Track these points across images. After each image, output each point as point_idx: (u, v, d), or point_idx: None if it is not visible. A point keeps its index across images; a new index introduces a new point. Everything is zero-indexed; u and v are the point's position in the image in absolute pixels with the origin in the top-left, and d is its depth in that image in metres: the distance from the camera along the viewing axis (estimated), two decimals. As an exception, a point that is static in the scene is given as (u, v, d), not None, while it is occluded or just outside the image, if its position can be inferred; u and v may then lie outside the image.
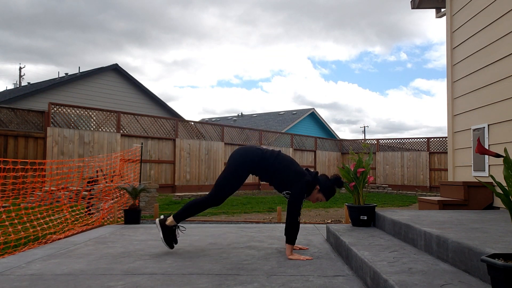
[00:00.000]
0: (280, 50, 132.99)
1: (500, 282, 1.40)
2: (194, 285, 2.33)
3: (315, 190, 3.25)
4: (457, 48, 5.93)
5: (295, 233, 3.08)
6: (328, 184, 3.28)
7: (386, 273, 2.00)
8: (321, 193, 3.26)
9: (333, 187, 3.29)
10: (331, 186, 3.28)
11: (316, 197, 3.29)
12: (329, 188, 3.28)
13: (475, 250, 1.96)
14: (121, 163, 6.95)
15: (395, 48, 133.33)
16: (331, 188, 3.28)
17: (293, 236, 3.07)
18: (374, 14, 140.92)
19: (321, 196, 3.28)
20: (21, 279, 2.49)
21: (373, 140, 19.66)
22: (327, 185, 3.27)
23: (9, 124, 9.80)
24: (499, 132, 4.79)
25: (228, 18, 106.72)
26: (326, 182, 3.28)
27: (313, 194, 3.26)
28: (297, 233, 3.09)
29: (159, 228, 3.24)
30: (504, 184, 1.58)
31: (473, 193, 4.88)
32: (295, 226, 3.07)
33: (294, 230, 3.07)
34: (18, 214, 4.35)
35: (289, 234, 3.07)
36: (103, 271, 2.66)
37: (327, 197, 3.30)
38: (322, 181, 3.27)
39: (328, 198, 3.31)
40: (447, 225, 2.87)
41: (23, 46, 72.51)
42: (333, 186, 3.28)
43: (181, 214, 3.24)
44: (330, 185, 3.28)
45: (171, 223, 3.23)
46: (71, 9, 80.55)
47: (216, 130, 15.20)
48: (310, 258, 3.00)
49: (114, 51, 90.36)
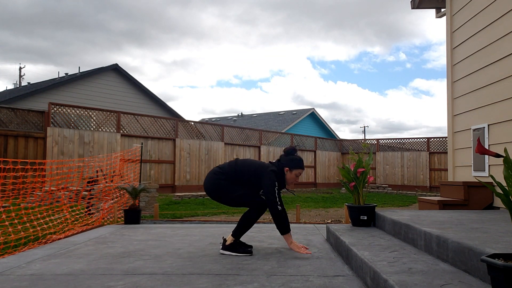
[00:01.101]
0: (280, 50, 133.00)
1: (500, 282, 1.40)
2: (194, 285, 2.33)
3: (287, 173, 3.28)
4: (457, 48, 5.93)
5: (284, 221, 3.09)
6: (289, 158, 3.30)
7: (386, 273, 2.00)
8: (292, 170, 3.28)
9: (294, 157, 3.31)
10: (292, 158, 3.31)
11: (291, 177, 3.30)
12: (292, 160, 3.29)
13: (475, 250, 1.96)
14: (121, 163, 6.95)
15: (394, 48, 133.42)
16: (293, 159, 3.30)
17: (283, 225, 3.09)
18: (373, 14, 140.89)
19: (294, 174, 3.30)
20: (21, 279, 2.49)
21: (373, 140, 19.66)
22: (288, 159, 3.30)
23: (9, 124, 9.81)
24: (499, 132, 4.79)
25: (227, 17, 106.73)
26: (286, 158, 3.31)
27: (288, 177, 3.29)
28: (286, 220, 3.10)
29: (230, 253, 3.18)
30: (504, 184, 1.58)
31: (473, 193, 4.88)
32: (280, 215, 3.08)
33: (281, 219, 3.08)
34: (18, 214, 4.35)
35: (279, 225, 3.10)
36: (103, 271, 2.66)
37: (297, 166, 3.29)
38: (284, 161, 3.30)
39: (299, 166, 3.31)
40: (447, 225, 2.87)
41: (22, 46, 72.56)
42: (293, 156, 3.31)
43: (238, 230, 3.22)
44: (290, 158, 3.30)
45: (232, 241, 3.21)
46: (70, 9, 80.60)
47: (216, 130, 15.20)
48: (310, 252, 3.07)
49: (114, 51, 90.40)
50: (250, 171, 3.26)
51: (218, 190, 3.25)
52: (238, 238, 3.22)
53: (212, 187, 3.27)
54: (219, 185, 3.24)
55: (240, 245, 3.21)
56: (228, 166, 3.32)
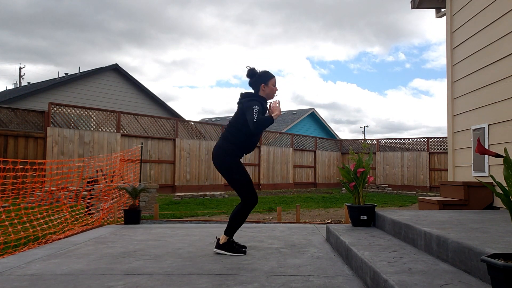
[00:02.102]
0: (279, 50, 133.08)
1: (500, 282, 1.40)
2: (194, 285, 2.33)
3: (266, 89, 3.32)
4: (457, 48, 5.93)
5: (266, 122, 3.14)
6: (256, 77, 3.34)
7: (386, 273, 2.00)
8: (267, 82, 3.32)
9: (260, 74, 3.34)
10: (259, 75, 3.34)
11: (270, 89, 3.34)
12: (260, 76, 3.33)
13: (475, 250, 1.96)
14: (121, 163, 6.95)
15: (393, 48, 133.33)
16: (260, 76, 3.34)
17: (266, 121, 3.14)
18: (373, 13, 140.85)
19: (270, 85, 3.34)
20: (21, 279, 2.49)
21: (373, 140, 19.65)
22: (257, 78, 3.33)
23: (9, 124, 9.80)
24: (499, 132, 4.78)
25: (226, 17, 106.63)
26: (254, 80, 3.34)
27: (268, 91, 3.33)
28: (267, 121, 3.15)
29: (223, 252, 3.18)
30: (504, 184, 1.58)
31: (473, 193, 4.88)
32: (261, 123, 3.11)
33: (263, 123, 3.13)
34: (18, 214, 4.35)
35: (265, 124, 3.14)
36: (103, 271, 2.66)
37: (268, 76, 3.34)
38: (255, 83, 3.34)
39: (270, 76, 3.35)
40: (447, 225, 2.87)
41: (22, 46, 72.53)
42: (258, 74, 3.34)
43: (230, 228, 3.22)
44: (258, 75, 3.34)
45: (225, 239, 3.20)
46: (70, 8, 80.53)
47: (216, 130, 15.20)
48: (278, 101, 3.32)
49: (113, 51, 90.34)
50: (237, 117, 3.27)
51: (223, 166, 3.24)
52: (231, 236, 3.22)
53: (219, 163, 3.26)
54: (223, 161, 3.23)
55: (234, 244, 3.21)
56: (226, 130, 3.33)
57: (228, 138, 3.27)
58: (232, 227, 3.22)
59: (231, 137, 3.26)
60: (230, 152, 3.23)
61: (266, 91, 3.33)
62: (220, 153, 3.25)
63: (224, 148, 3.24)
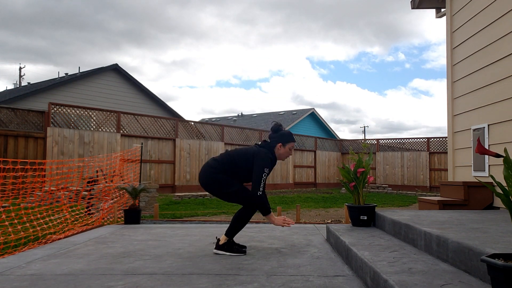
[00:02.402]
0: (279, 50, 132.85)
1: (500, 282, 1.40)
2: (194, 285, 2.33)
3: (281, 148, 3.33)
4: (457, 48, 5.93)
5: (265, 204, 3.18)
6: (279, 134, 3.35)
7: (386, 273, 2.00)
8: (285, 144, 3.34)
9: (282, 133, 3.36)
10: (282, 133, 3.36)
11: (285, 151, 3.36)
12: (282, 135, 3.35)
13: (475, 250, 1.96)
14: (121, 163, 6.95)
15: (393, 48, 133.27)
16: (283, 134, 3.36)
17: (264, 207, 3.19)
18: (372, 13, 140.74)
19: (287, 148, 3.36)
20: (21, 279, 2.49)
21: (373, 140, 19.65)
22: (279, 136, 3.35)
23: (9, 124, 9.80)
24: (499, 132, 4.78)
25: (226, 17, 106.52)
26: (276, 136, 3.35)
27: (281, 152, 3.35)
28: (264, 203, 3.18)
29: (223, 252, 3.19)
30: (504, 184, 1.58)
31: (473, 193, 4.88)
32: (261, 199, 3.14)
33: (259, 205, 3.17)
34: (18, 214, 4.35)
35: (260, 208, 3.19)
36: (103, 271, 2.66)
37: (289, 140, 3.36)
38: (275, 138, 3.35)
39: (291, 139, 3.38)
40: (447, 225, 2.87)
41: (21, 46, 72.49)
42: (282, 132, 3.36)
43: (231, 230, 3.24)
44: (280, 134, 3.35)
45: (225, 240, 3.21)
46: (69, 8, 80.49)
47: (216, 130, 15.20)
48: (292, 222, 3.27)
49: (113, 51, 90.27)
50: (244, 158, 3.26)
51: (214, 183, 3.24)
52: (231, 237, 3.22)
53: (208, 181, 3.25)
54: (215, 179, 3.23)
55: (234, 245, 3.21)
56: (222, 157, 3.33)
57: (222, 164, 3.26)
58: (233, 229, 3.22)
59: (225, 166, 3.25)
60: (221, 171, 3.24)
61: (280, 151, 3.34)
62: (211, 171, 3.25)
63: (215, 167, 3.25)
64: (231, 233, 3.22)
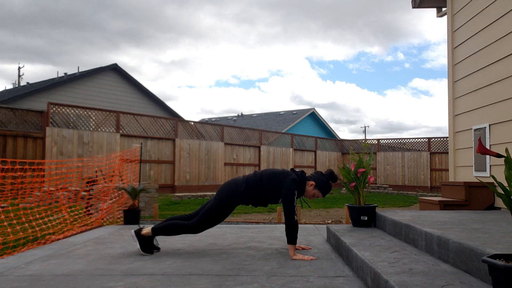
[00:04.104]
0: (278, 50, 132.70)
1: (501, 283, 1.39)
2: (194, 286, 2.32)
3: (311, 187, 3.29)
4: (458, 48, 5.92)
5: (294, 233, 3.08)
6: (324, 179, 3.31)
7: (386, 273, 1.99)
8: (317, 189, 3.30)
9: (328, 182, 3.32)
10: (327, 182, 3.32)
11: (313, 193, 3.32)
12: (325, 183, 3.31)
13: (476, 250, 1.95)
14: (120, 163, 6.94)
15: (392, 48, 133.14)
16: (326, 184, 3.32)
17: (292, 236, 3.08)
18: (371, 13, 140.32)
19: (317, 192, 3.32)
20: (20, 280, 2.47)
21: (374, 140, 19.64)
22: (323, 181, 3.31)
23: (8, 124, 9.79)
24: (500, 132, 4.77)
25: (224, 17, 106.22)
26: (322, 178, 3.32)
27: (309, 190, 3.30)
28: (296, 232, 3.09)
29: (136, 239, 3.22)
30: (506, 185, 1.57)
31: (474, 193, 4.86)
32: (293, 226, 3.08)
33: (293, 230, 3.08)
34: (16, 215, 4.34)
35: (289, 234, 3.09)
36: (103, 272, 2.65)
37: (323, 193, 3.34)
38: (317, 177, 3.32)
39: (325, 194, 3.35)
40: (448, 225, 2.86)
41: (19, 45, 72.29)
42: (328, 181, 3.32)
43: (160, 229, 3.24)
44: (325, 181, 3.31)
45: (147, 234, 3.22)
46: (67, 8, 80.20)
47: (216, 130, 15.19)
48: (314, 258, 3.02)
49: (111, 51, 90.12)
50: (272, 179, 3.25)
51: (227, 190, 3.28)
52: (155, 235, 3.25)
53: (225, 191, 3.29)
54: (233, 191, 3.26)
55: (150, 241, 3.23)
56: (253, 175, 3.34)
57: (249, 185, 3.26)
58: (163, 230, 3.24)
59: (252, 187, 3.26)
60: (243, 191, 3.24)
61: (307, 190, 3.31)
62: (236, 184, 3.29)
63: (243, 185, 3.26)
64: (159, 232, 3.24)
